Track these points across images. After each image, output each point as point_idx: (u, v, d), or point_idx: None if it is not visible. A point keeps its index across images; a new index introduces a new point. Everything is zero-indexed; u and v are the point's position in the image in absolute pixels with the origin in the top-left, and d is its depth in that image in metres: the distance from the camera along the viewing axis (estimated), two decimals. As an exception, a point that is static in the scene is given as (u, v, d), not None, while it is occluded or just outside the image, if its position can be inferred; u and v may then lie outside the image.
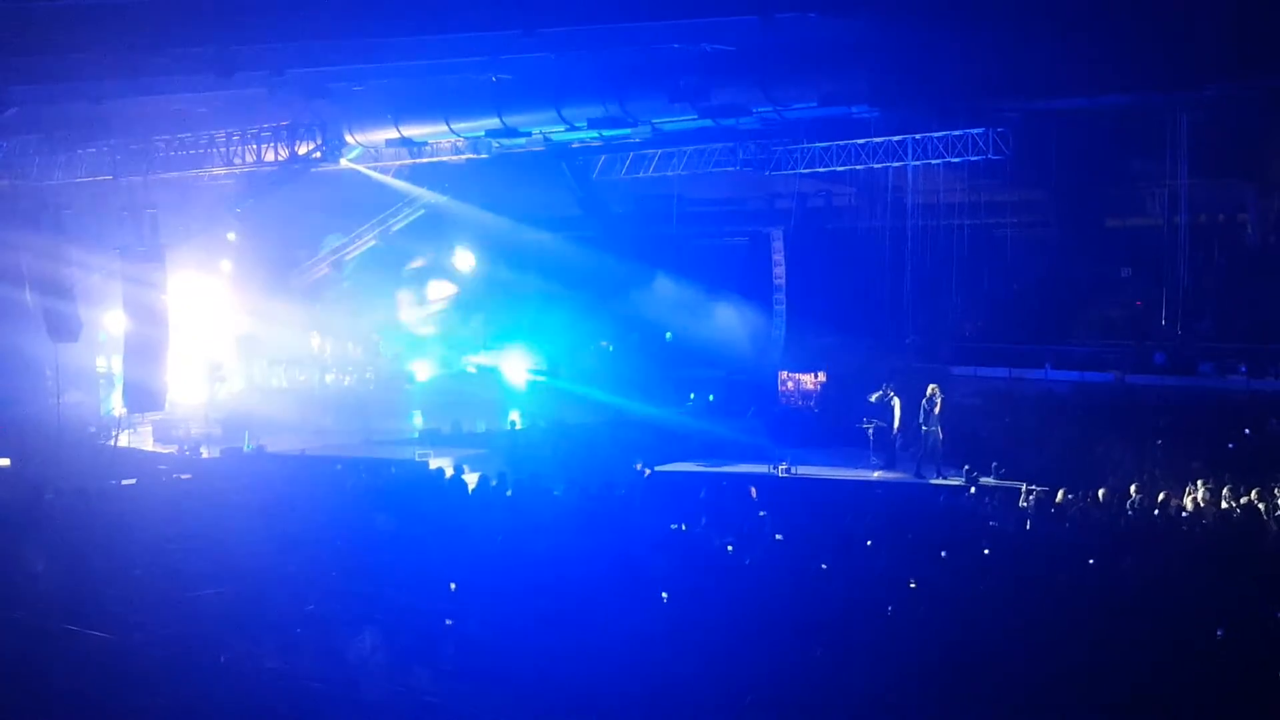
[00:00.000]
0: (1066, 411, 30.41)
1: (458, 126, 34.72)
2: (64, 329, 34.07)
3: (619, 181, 40.83)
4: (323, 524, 19.59)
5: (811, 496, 24.06)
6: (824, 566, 16.91)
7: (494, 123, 33.77)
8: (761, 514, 20.58)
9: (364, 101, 34.82)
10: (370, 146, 37.33)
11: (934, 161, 33.43)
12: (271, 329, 41.55)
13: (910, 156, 33.56)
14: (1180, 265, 32.47)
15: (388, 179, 39.56)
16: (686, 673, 13.03)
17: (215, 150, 37.41)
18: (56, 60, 26.90)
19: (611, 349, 41.93)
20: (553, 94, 32.38)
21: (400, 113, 35.07)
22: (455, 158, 37.04)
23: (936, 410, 27.91)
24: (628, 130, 33.01)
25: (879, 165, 34.38)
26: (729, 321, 38.29)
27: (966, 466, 26.96)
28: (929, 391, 28.16)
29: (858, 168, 34.83)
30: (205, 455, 30.71)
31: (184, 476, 27.03)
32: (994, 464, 27.24)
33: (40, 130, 36.00)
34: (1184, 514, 21.42)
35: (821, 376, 34.98)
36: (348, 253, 44.70)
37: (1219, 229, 34.82)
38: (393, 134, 35.84)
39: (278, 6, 24.83)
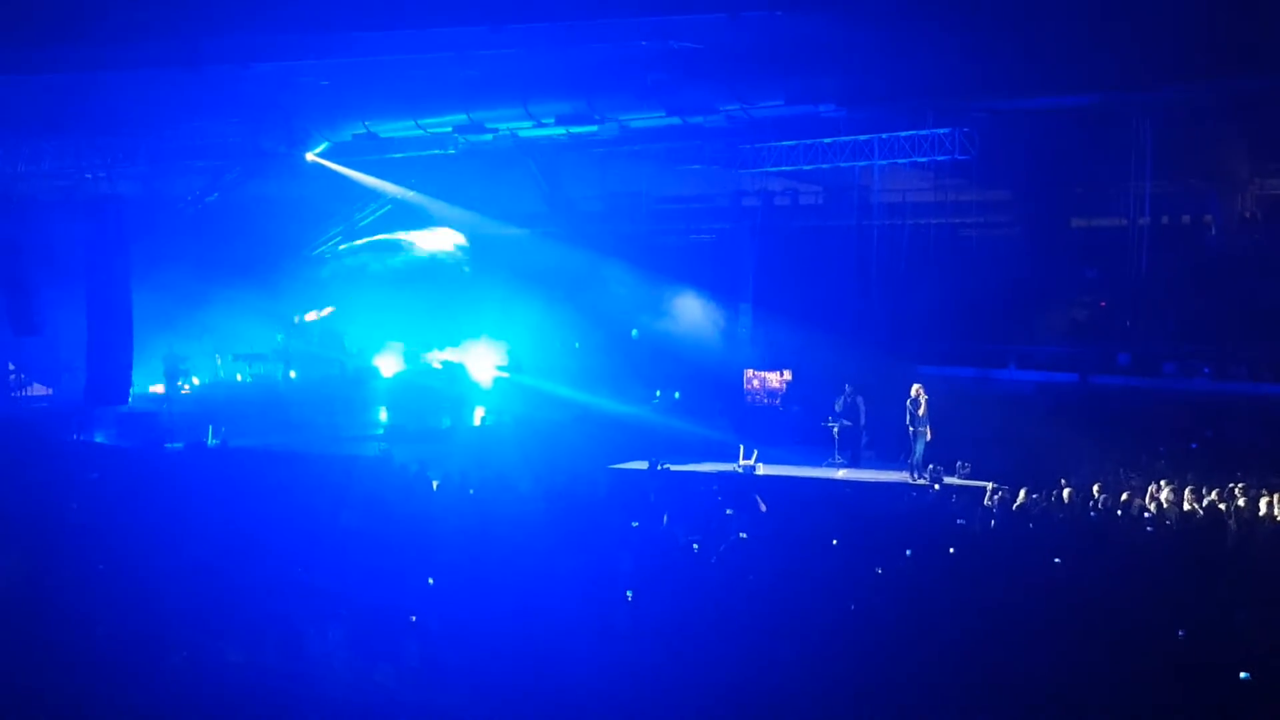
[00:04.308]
0: (1031, 411, 30.53)
1: (425, 122, 34.63)
2: (26, 322, 33.95)
3: (587, 178, 40.86)
4: (287, 519, 19.53)
5: (777, 494, 24.05)
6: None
7: (461, 118, 33.71)
8: (729, 511, 20.58)
9: (331, 96, 34.67)
10: (337, 141, 37.19)
11: (900, 161, 33.50)
12: (236, 323, 41.39)
13: (877, 156, 33.58)
14: (1144, 266, 32.64)
15: (354, 174, 39.41)
16: (650, 670, 13.05)
17: (181, 143, 37.19)
18: (20, 52, 26.74)
19: (579, 346, 41.92)
20: (520, 90, 32.33)
21: (367, 107, 34.94)
22: (423, 153, 36.93)
23: (921, 411, 28.05)
24: (595, 127, 32.98)
25: (845, 164, 34.41)
26: (695, 319, 38.31)
27: (931, 465, 27.14)
28: (913, 392, 28.29)
29: (824, 166, 34.85)
30: (169, 449, 30.54)
31: (147, 470, 26.90)
32: (959, 463, 27.41)
33: (3, 122, 35.75)
34: (1147, 514, 21.54)
35: (787, 375, 35.04)
36: (314, 247, 44.57)
37: (1183, 230, 34.98)
38: (359, 129, 35.74)
39: (245, 1, 24.77)
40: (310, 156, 37.79)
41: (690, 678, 12.87)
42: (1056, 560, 17.40)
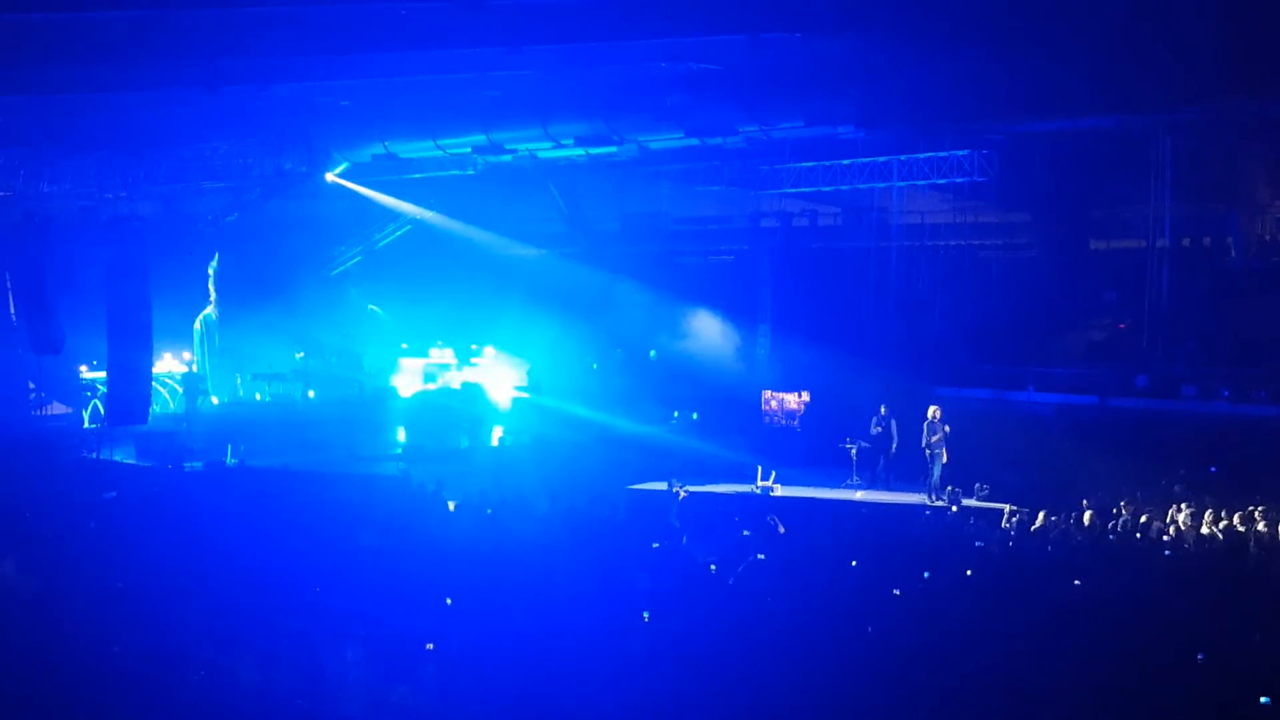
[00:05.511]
0: (1050, 433, 30.45)
1: (444, 143, 34.65)
2: (47, 341, 34.01)
3: (605, 199, 40.93)
4: (304, 539, 19.55)
5: (795, 516, 24.04)
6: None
7: (481, 139, 33.72)
8: (746, 533, 20.56)
9: (351, 117, 34.74)
10: (356, 161, 37.27)
11: (919, 182, 33.49)
12: (255, 342, 41.44)
13: (896, 177, 33.59)
14: (1163, 288, 32.57)
15: (373, 194, 39.48)
16: (667, 691, 13.02)
17: (201, 163, 37.29)
18: (42, 73, 26.85)
19: (596, 366, 41.96)
20: (540, 111, 32.33)
21: (387, 128, 35.00)
22: (442, 173, 36.98)
23: (937, 434, 28.05)
24: (614, 148, 32.95)
25: (864, 186, 34.42)
26: (713, 340, 38.34)
27: (950, 487, 27.09)
28: (929, 414, 28.28)
29: (843, 188, 34.86)
30: (188, 468, 30.58)
31: (165, 489, 26.95)
32: (977, 485, 27.35)
33: (25, 142, 35.89)
34: (1166, 537, 21.49)
35: (805, 396, 34.98)
36: (333, 267, 44.64)
37: (1202, 252, 34.95)
38: (379, 149, 35.79)
39: (265, 21, 24.81)
40: (330, 177, 37.85)
41: (707, 699, 12.85)
42: (1076, 583, 17.36)
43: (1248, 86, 26.44)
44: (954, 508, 25.90)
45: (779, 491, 27.88)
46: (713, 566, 18.40)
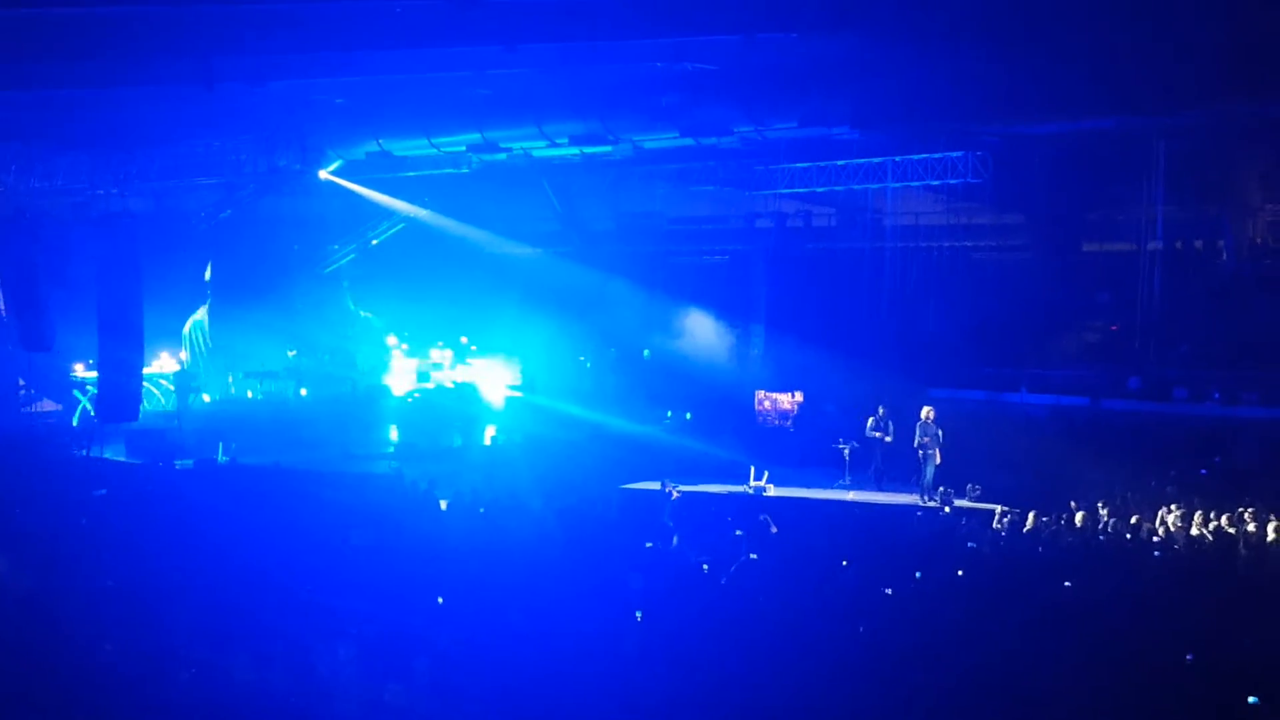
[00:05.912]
0: (1042, 435, 30.49)
1: (439, 140, 34.64)
2: (37, 338, 33.98)
3: (600, 198, 40.92)
4: (296, 537, 19.52)
5: (787, 515, 24.04)
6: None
7: (475, 138, 33.73)
8: (738, 533, 20.56)
9: (345, 114, 34.71)
10: (350, 159, 37.24)
11: (914, 184, 33.52)
12: (248, 340, 41.40)
13: (890, 178, 33.64)
14: (1156, 291, 32.62)
15: (367, 192, 39.46)
16: (659, 691, 13.02)
17: (194, 160, 37.25)
18: (36, 68, 26.81)
19: (589, 365, 41.95)
20: (534, 110, 32.34)
21: (381, 125, 34.98)
22: (436, 171, 36.94)
23: (930, 435, 28.10)
24: (609, 147, 32.96)
25: (859, 187, 34.45)
26: (707, 339, 38.36)
27: (942, 488, 27.13)
28: (923, 415, 28.34)
29: (838, 189, 34.89)
30: (179, 466, 30.54)
31: (156, 487, 26.90)
32: (969, 485, 27.40)
33: (17, 137, 35.84)
34: (1155, 538, 21.53)
35: (799, 396, 35.02)
36: (326, 265, 44.59)
37: (1195, 255, 34.94)
38: (373, 147, 35.77)
39: (261, 19, 24.79)
40: (324, 174, 37.81)
41: (699, 698, 12.84)
42: (1066, 584, 17.37)
43: (1247, 88, 26.47)
44: (946, 508, 25.96)
45: (772, 491, 27.90)
46: (705, 566, 18.40)
